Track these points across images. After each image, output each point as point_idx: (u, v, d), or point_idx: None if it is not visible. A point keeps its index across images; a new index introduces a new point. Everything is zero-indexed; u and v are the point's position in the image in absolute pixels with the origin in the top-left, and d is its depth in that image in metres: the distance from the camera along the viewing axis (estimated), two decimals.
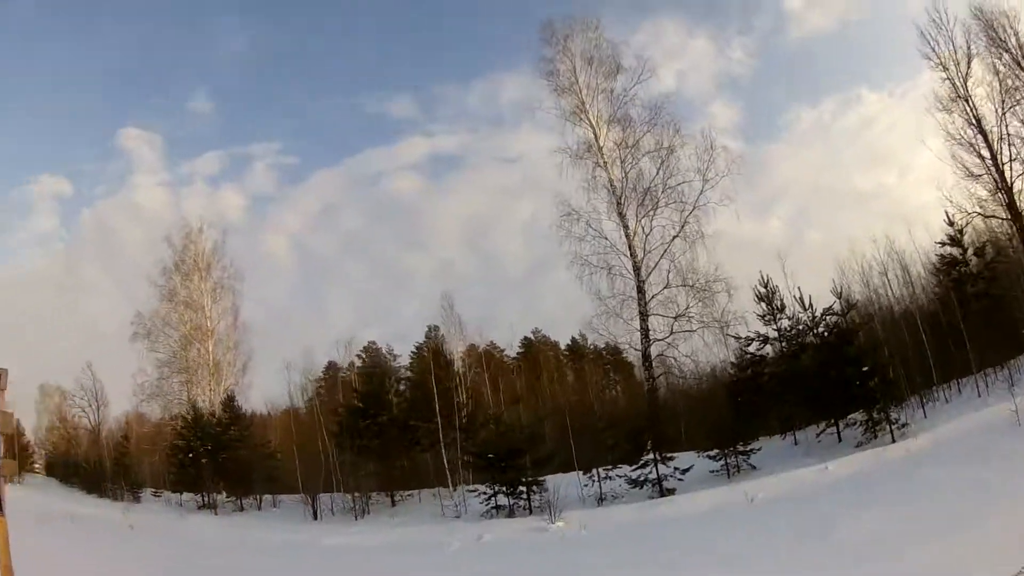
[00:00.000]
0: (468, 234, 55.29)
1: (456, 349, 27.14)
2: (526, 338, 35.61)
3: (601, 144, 27.51)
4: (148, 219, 29.71)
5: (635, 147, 27.79)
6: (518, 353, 35.58)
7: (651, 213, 27.12)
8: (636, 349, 26.44)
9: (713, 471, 17.42)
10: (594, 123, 27.76)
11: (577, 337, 33.52)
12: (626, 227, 26.59)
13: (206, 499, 24.47)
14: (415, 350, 31.00)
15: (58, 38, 59.65)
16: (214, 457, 24.62)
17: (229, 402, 28.30)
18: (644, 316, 25.95)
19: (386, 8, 58.84)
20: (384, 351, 31.31)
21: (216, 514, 23.50)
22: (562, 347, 35.74)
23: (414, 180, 57.66)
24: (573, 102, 28.00)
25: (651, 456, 17.00)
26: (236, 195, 60.00)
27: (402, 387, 26.53)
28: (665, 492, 16.71)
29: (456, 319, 27.00)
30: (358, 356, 30.64)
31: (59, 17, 56.26)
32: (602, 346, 29.98)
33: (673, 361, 26.22)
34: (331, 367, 32.57)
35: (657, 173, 27.45)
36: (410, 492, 21.45)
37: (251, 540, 16.96)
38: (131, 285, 37.92)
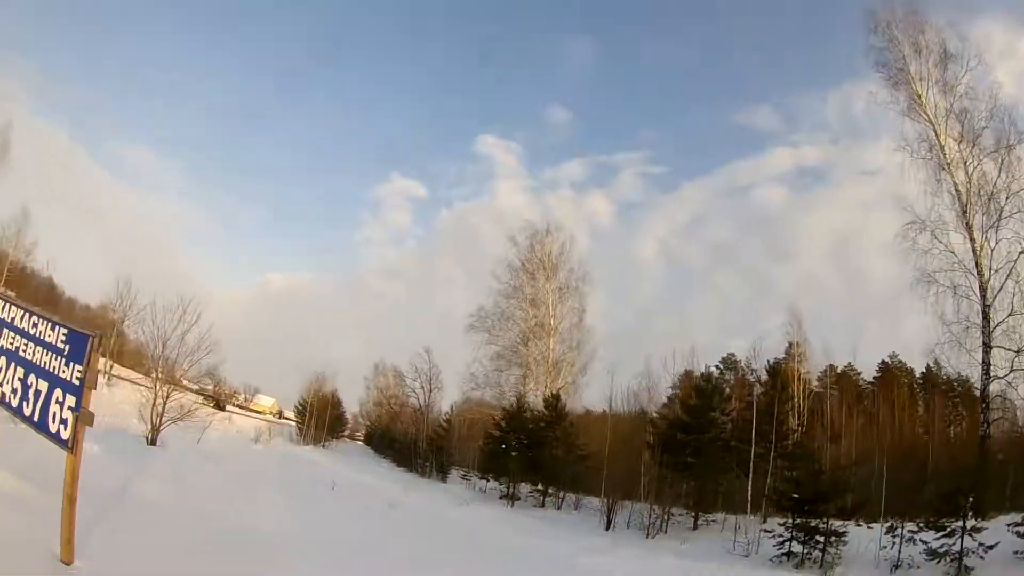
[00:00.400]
0: (830, 248, 53.38)
1: (800, 370, 25.94)
2: (883, 362, 32.06)
3: (942, 142, 24.21)
4: (506, 221, 33.89)
5: (975, 145, 23.78)
6: (873, 378, 32.37)
7: (996, 224, 22.93)
8: (975, 387, 22.67)
9: (1019, 553, 13.40)
10: (931, 117, 24.42)
11: (931, 365, 29.13)
12: (973, 240, 22.96)
13: (510, 489, 26.14)
14: (764, 367, 28.66)
15: (421, 47, 71.39)
16: (527, 451, 26.37)
17: (554, 400, 29.41)
18: (987, 347, 22.06)
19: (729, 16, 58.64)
20: (742, 363, 30.18)
21: (512, 506, 25.09)
22: (916, 375, 31.25)
23: (780, 191, 58.40)
24: (907, 94, 25.06)
25: (959, 523, 14.00)
26: (602, 201, 65.69)
27: (731, 405, 25.69)
28: (964, 571, 13.75)
29: (803, 336, 26.05)
30: (716, 367, 30.02)
31: (424, 27, 67.33)
32: (954, 376, 25.95)
33: (1011, 404, 21.97)
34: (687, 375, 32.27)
35: (999, 176, 23.13)
36: (714, 517, 20.82)
37: (493, 538, 16.99)
38: (478, 281, 41.67)
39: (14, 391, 5.02)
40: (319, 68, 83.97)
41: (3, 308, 5.43)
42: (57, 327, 4.95)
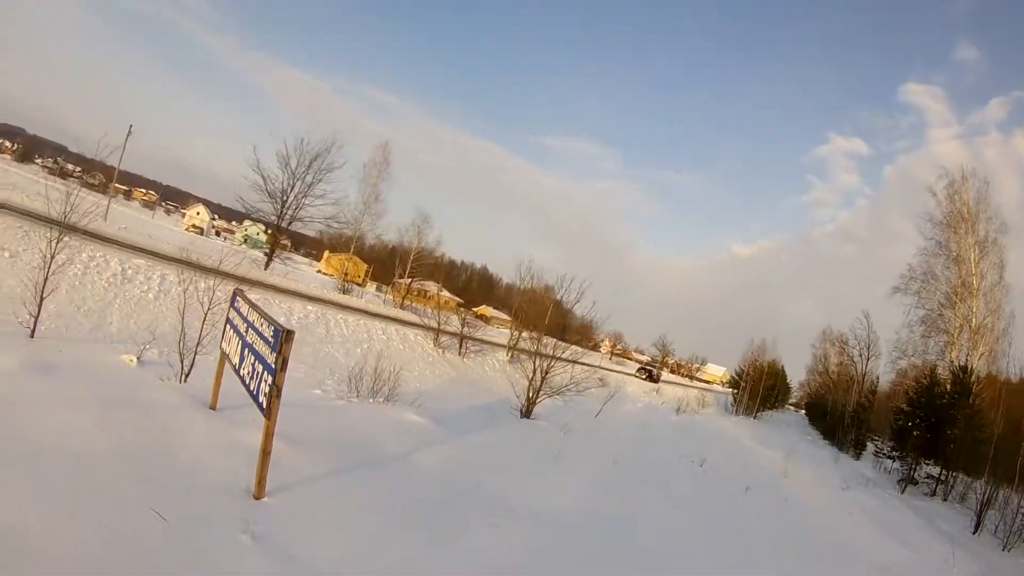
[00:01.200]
0: None
1: None
2: None
3: None
4: (942, 170, 30.14)
5: None
6: None
7: None
8: None
9: None
10: None
11: None
12: None
13: (909, 471, 24.01)
14: None
15: None
16: (927, 431, 24.03)
17: (961, 372, 26.32)
18: None
19: None
20: None
21: (903, 491, 22.62)
22: None
23: None
24: None
25: None
26: None
27: None
28: None
29: None
30: None
31: None
32: None
33: None
34: None
35: None
36: None
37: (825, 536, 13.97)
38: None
39: (250, 375, 6.31)
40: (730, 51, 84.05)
41: (248, 311, 6.78)
42: (269, 324, 6.08)
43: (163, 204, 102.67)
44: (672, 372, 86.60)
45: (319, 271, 67.05)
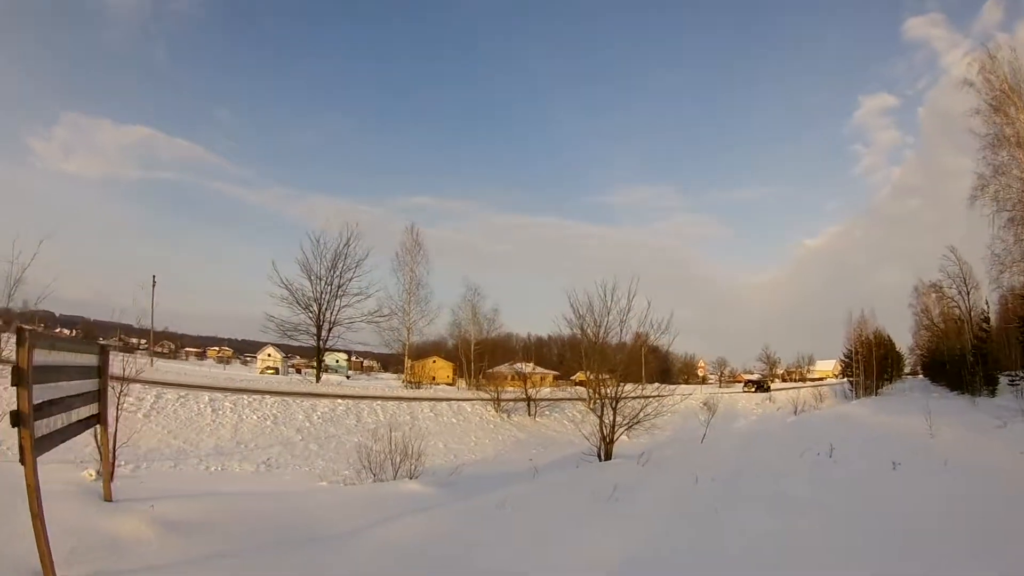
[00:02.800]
0: None
1: None
2: None
3: None
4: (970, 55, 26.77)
5: None
6: None
7: None
8: None
9: None
10: None
11: None
12: None
13: None
14: None
15: None
16: None
17: None
18: None
19: None
20: None
21: None
22: None
23: None
24: None
25: None
26: None
27: None
28: None
29: None
30: None
31: None
32: None
33: None
34: None
35: None
36: None
37: None
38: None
39: None
40: None
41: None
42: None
43: (240, 357, 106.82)
44: (783, 380, 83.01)
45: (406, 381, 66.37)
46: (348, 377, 58.04)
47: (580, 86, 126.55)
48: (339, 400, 22.05)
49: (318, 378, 35.17)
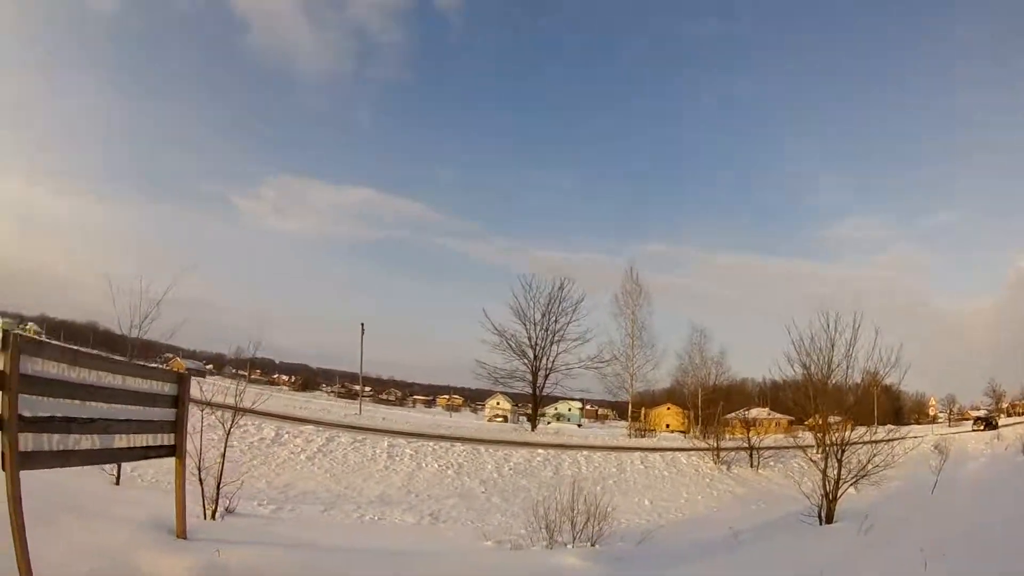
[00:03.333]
0: None
1: None
2: None
3: None
4: None
5: None
6: None
7: None
8: None
9: None
10: None
11: None
12: None
13: None
14: None
15: None
16: None
17: None
18: None
19: None
20: None
21: None
22: None
23: None
24: None
25: None
26: None
27: None
28: None
29: None
30: None
31: None
32: None
33: None
34: None
35: None
36: None
37: None
38: None
39: None
40: None
41: None
42: None
43: (470, 405, 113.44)
44: (1007, 415, 70.15)
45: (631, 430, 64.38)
46: (579, 426, 57.66)
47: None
48: (539, 449, 21.10)
49: (533, 426, 34.97)
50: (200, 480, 6.86)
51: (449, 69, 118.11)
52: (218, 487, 7.00)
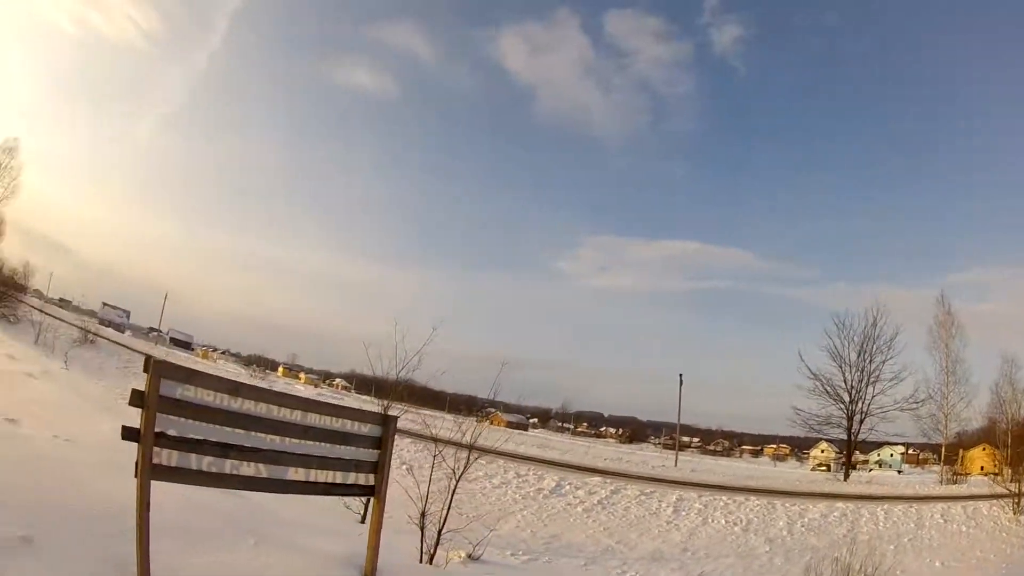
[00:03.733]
0: None
1: None
2: None
3: None
4: None
5: None
6: None
7: None
8: None
9: None
10: None
11: None
12: None
13: None
14: None
15: None
16: None
17: None
18: None
19: None
20: None
21: None
22: None
23: None
24: None
25: None
26: None
27: None
28: None
29: None
30: None
31: None
32: None
33: None
34: None
35: None
36: None
37: None
38: None
39: None
40: None
41: None
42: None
43: (796, 454, 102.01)
44: None
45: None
46: (899, 472, 49.89)
47: None
48: (839, 503, 18.12)
49: (846, 475, 31.41)
50: (421, 526, 6.86)
51: (745, 111, 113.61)
52: (439, 533, 6.87)
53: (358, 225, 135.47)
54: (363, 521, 8.63)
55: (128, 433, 3.68)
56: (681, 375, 43.77)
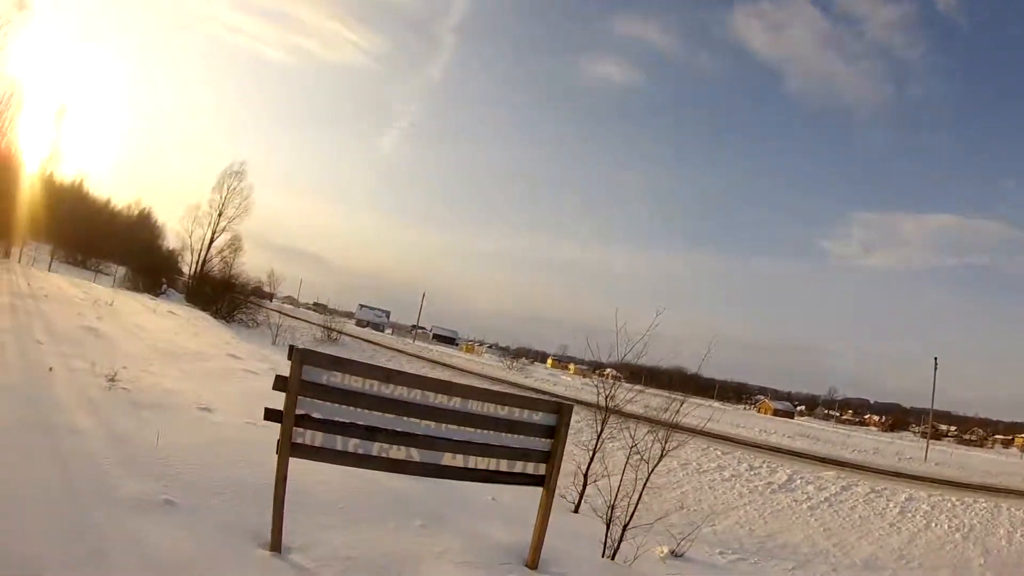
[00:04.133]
0: None
1: None
2: None
3: None
4: None
5: None
6: None
7: None
8: None
9: None
10: None
11: None
12: None
13: None
14: None
15: None
16: None
17: None
18: None
19: None
20: None
21: None
22: None
23: None
24: None
25: None
26: None
27: None
28: None
29: None
30: None
31: None
32: None
33: None
34: None
35: None
36: None
37: None
38: None
39: None
40: None
41: None
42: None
43: None
44: None
45: None
46: None
47: None
48: None
49: None
50: (607, 520, 6.35)
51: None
52: (624, 528, 6.27)
53: (614, 214, 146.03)
54: (576, 511, 8.42)
55: (270, 414, 3.89)
56: (936, 359, 37.08)
